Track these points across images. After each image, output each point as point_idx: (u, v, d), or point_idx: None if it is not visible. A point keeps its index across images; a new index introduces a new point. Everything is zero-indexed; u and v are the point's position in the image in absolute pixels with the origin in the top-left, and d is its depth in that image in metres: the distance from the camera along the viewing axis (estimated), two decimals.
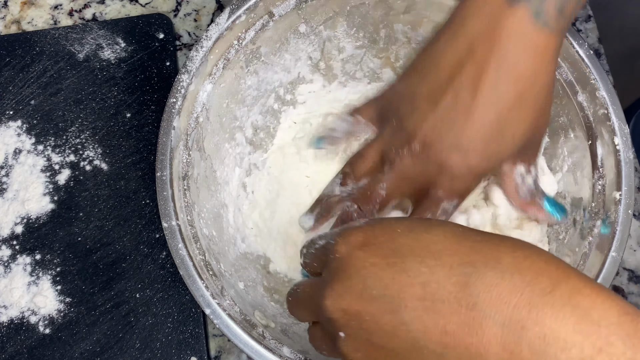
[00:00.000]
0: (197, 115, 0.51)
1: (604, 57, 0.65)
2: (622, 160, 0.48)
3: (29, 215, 0.59)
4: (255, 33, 0.53)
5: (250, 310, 0.48)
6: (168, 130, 0.49)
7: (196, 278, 0.45)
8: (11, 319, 0.56)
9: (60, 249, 0.58)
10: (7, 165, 0.61)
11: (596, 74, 0.49)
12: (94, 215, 0.59)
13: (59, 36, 0.65)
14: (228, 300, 0.46)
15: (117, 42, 0.65)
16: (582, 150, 0.51)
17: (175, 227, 0.46)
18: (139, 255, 0.58)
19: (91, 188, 0.60)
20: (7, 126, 0.62)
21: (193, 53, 0.50)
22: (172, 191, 0.47)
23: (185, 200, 0.48)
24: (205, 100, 0.51)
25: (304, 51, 0.58)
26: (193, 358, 0.55)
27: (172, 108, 0.49)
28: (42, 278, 0.57)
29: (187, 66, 0.50)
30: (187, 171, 0.49)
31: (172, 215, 0.47)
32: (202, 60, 0.51)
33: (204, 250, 0.48)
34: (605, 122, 0.49)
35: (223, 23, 0.51)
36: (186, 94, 0.50)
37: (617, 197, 0.47)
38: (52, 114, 0.62)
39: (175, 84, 0.50)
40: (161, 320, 0.56)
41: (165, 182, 0.47)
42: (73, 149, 0.61)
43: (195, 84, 0.50)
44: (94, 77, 0.63)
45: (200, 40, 0.51)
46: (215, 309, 0.45)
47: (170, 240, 0.46)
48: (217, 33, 0.51)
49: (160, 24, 0.65)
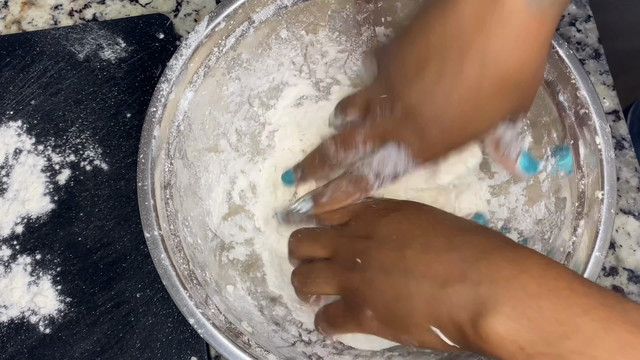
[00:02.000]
0: (178, 123, 0.50)
1: (603, 57, 0.65)
2: (604, 160, 0.48)
3: (29, 215, 0.59)
4: (236, 40, 0.53)
5: (237, 320, 0.47)
6: (149, 139, 0.48)
7: (179, 288, 0.45)
8: (11, 318, 0.56)
9: (60, 249, 0.58)
10: (8, 165, 0.61)
11: (576, 73, 0.50)
12: (94, 215, 0.59)
13: (59, 36, 0.65)
14: (213, 309, 0.46)
15: (117, 42, 0.65)
16: (564, 150, 0.51)
17: (157, 237, 0.46)
18: (139, 255, 0.58)
19: (91, 188, 0.60)
20: (7, 126, 0.62)
21: (172, 61, 0.50)
22: (154, 201, 0.47)
23: (167, 209, 0.48)
24: (187, 108, 0.51)
25: (287, 56, 0.57)
26: (193, 358, 0.55)
27: (152, 117, 0.49)
28: (43, 278, 0.57)
29: (167, 75, 0.50)
30: (170, 180, 0.49)
31: (154, 225, 0.46)
32: (182, 68, 0.50)
33: (187, 259, 0.47)
34: (587, 122, 0.49)
35: (202, 31, 0.51)
36: (166, 103, 0.49)
37: (599, 196, 0.48)
38: (52, 114, 0.62)
39: (155, 93, 0.49)
40: (161, 320, 0.56)
41: (147, 192, 0.47)
42: (73, 149, 0.61)
43: (176, 92, 0.50)
44: (94, 77, 0.64)
45: (180, 49, 0.50)
46: (199, 319, 0.44)
47: (153, 250, 0.46)
48: (197, 41, 0.51)
49: (161, 24, 0.65)
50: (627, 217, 0.60)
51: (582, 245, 0.48)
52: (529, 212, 0.54)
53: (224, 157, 0.57)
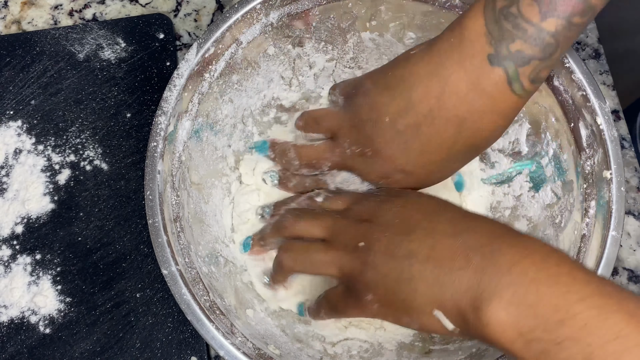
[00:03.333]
0: (179, 154, 0.50)
1: (603, 57, 0.65)
2: (607, 139, 0.48)
3: (29, 215, 0.59)
4: (226, 63, 0.53)
5: (263, 344, 0.47)
6: (153, 175, 0.48)
7: (205, 322, 0.44)
8: (11, 318, 0.56)
9: (60, 249, 0.58)
10: (8, 165, 0.61)
11: (569, 57, 0.50)
12: (94, 215, 0.59)
13: (59, 36, 0.65)
14: (240, 338, 0.46)
15: (117, 42, 0.65)
16: (564, 133, 0.51)
17: (175, 273, 0.45)
18: (139, 255, 0.58)
19: (91, 188, 0.60)
20: (7, 126, 0.62)
21: (167, 93, 0.50)
22: (167, 236, 0.46)
23: (180, 242, 0.47)
24: (185, 138, 0.51)
25: (275, 72, 0.57)
26: (193, 358, 0.55)
27: (154, 152, 0.48)
28: (43, 278, 0.57)
29: (163, 107, 0.49)
30: (178, 212, 0.49)
31: (171, 261, 0.46)
32: (177, 99, 0.50)
33: (207, 289, 0.47)
34: (585, 104, 0.49)
35: (193, 59, 0.51)
36: (166, 136, 0.49)
37: (607, 175, 0.48)
38: (52, 114, 0.62)
39: (153, 127, 0.49)
40: (161, 320, 0.56)
41: (159, 228, 0.46)
42: (73, 149, 0.61)
43: (173, 124, 0.50)
44: (94, 77, 0.64)
45: (172, 79, 0.50)
46: (229, 350, 0.44)
47: (173, 286, 0.45)
48: (189, 70, 0.50)
49: (161, 24, 0.65)
50: (627, 217, 0.60)
51: (596, 226, 0.48)
52: (535, 198, 0.54)
53: (225, 180, 0.56)
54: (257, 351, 0.45)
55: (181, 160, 0.50)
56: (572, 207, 0.50)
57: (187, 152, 0.51)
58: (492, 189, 0.58)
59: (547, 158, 0.53)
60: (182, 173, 0.50)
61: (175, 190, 0.49)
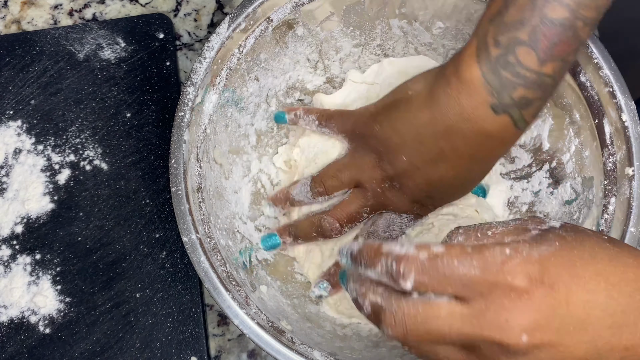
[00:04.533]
0: (204, 126, 0.51)
1: None
2: (632, 136, 0.48)
3: (29, 215, 0.59)
4: (255, 40, 0.53)
5: (276, 319, 0.47)
6: (179, 144, 0.48)
7: (221, 290, 0.45)
8: (11, 318, 0.56)
9: (60, 249, 0.58)
10: (7, 165, 0.61)
11: (598, 53, 0.50)
12: (94, 215, 0.59)
13: (59, 36, 0.65)
14: (254, 309, 0.46)
15: (117, 42, 0.65)
16: (588, 129, 0.51)
17: (195, 241, 0.46)
18: (139, 255, 0.58)
19: (91, 188, 0.60)
20: (7, 126, 0.62)
21: (197, 65, 0.50)
22: (189, 205, 0.47)
23: (201, 212, 0.48)
24: (212, 111, 0.51)
25: (302, 54, 0.58)
26: (193, 358, 0.55)
27: (181, 122, 0.49)
28: (42, 278, 0.57)
29: (192, 78, 0.50)
30: (201, 183, 0.49)
31: (192, 229, 0.46)
32: (206, 71, 0.50)
33: (225, 260, 0.47)
34: (611, 100, 0.49)
35: (224, 32, 0.51)
36: (193, 107, 0.50)
37: (630, 172, 0.48)
38: (52, 113, 0.62)
39: (181, 97, 0.49)
40: (161, 320, 0.56)
41: (182, 196, 0.47)
42: (73, 148, 0.61)
43: (201, 95, 0.50)
44: (94, 77, 0.63)
45: (203, 52, 0.51)
46: (244, 319, 0.44)
47: (192, 254, 0.46)
48: (219, 43, 0.51)
49: (160, 24, 0.65)
50: None
51: (615, 222, 0.48)
52: (554, 194, 0.54)
53: (245, 158, 0.57)
54: (270, 324, 0.46)
55: (206, 132, 0.51)
56: (591, 204, 0.50)
57: (212, 126, 0.52)
58: (511, 183, 0.58)
59: (569, 154, 0.53)
60: (206, 145, 0.51)
61: (199, 161, 0.50)
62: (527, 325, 0.31)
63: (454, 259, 0.32)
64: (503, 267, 0.32)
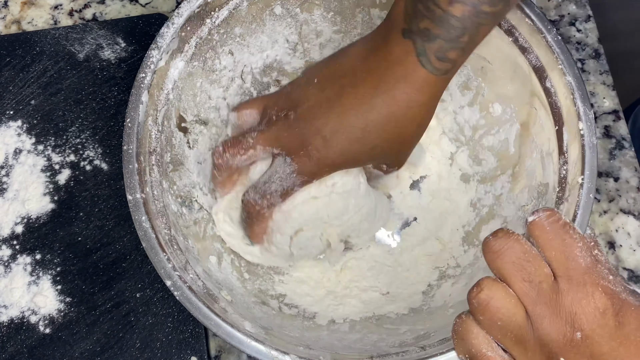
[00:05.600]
0: (167, 92, 0.51)
1: (603, 57, 0.65)
2: (586, 145, 0.48)
3: (29, 215, 0.59)
4: (229, 12, 0.53)
5: (216, 288, 0.48)
6: (136, 104, 0.48)
7: (158, 250, 0.45)
8: (11, 318, 0.56)
9: (60, 249, 0.58)
10: (8, 165, 0.61)
11: (563, 59, 0.50)
12: (94, 215, 0.59)
13: (59, 36, 0.65)
14: (191, 275, 0.46)
15: (117, 42, 0.65)
16: (550, 136, 0.51)
17: (139, 200, 0.46)
18: (139, 255, 0.58)
19: (91, 188, 0.60)
20: (7, 126, 0.62)
21: (164, 29, 0.50)
22: (138, 165, 0.47)
23: (152, 175, 0.48)
24: (177, 77, 0.51)
25: (281, 33, 0.57)
26: (193, 358, 0.55)
27: (141, 83, 0.49)
28: (42, 278, 0.57)
29: (157, 42, 0.50)
30: (156, 147, 0.49)
31: (137, 188, 0.46)
32: (173, 36, 0.50)
33: (170, 225, 0.47)
34: (572, 108, 0.50)
35: (195, 1, 0.51)
36: (155, 70, 0.50)
37: (579, 180, 0.48)
38: (52, 114, 0.62)
39: (145, 59, 0.49)
40: (161, 320, 0.56)
41: (132, 155, 0.47)
42: (73, 148, 0.61)
43: (165, 60, 0.50)
44: (94, 77, 0.64)
45: (171, 17, 0.50)
46: (176, 281, 0.45)
47: (134, 212, 0.46)
48: (189, 10, 0.51)
49: (161, 24, 0.65)
50: (627, 217, 0.60)
51: None
52: (512, 199, 0.55)
53: (214, 131, 0.57)
54: (206, 291, 0.46)
55: (168, 98, 0.51)
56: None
57: (177, 93, 0.52)
58: (476, 185, 0.58)
59: (531, 160, 0.53)
60: (168, 111, 0.51)
61: (157, 125, 0.50)
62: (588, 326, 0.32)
63: (581, 242, 0.33)
64: (600, 281, 0.32)
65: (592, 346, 0.32)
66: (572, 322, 0.32)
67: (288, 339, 0.47)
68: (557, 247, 0.33)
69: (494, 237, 0.34)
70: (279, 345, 0.45)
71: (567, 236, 0.33)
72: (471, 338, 0.35)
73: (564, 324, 0.32)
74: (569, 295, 0.32)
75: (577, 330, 0.32)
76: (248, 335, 0.44)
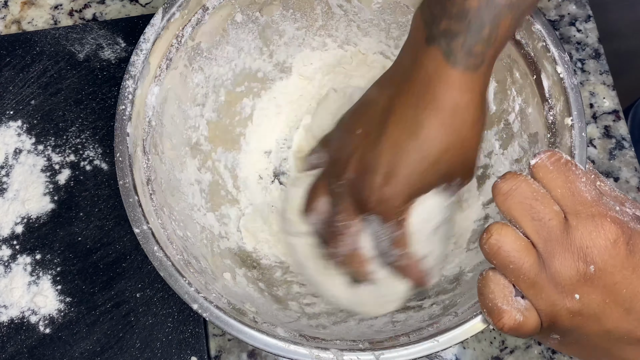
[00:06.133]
0: (149, 119, 0.50)
1: (604, 57, 0.65)
2: (568, 87, 0.49)
3: (29, 215, 0.59)
4: (193, 29, 0.53)
5: (239, 302, 0.47)
6: (123, 137, 0.48)
7: (178, 277, 0.45)
8: (11, 318, 0.56)
9: (60, 249, 0.58)
10: (8, 165, 0.61)
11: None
12: (94, 215, 0.59)
13: (59, 36, 0.65)
14: (214, 294, 0.46)
15: (117, 42, 0.65)
16: (528, 87, 0.52)
17: (147, 231, 0.46)
18: (139, 255, 0.58)
19: (91, 188, 0.60)
20: (7, 126, 0.62)
21: (134, 57, 0.50)
22: (138, 197, 0.47)
23: (153, 204, 0.48)
24: (155, 103, 0.51)
25: (245, 40, 0.58)
26: (193, 358, 0.55)
27: (123, 115, 0.48)
28: (42, 278, 0.57)
29: (130, 71, 0.50)
30: (150, 176, 0.49)
31: (142, 220, 0.46)
32: (144, 63, 0.50)
33: (181, 250, 0.47)
34: (546, 54, 0.50)
35: (158, 23, 0.51)
36: (134, 99, 0.49)
37: (569, 122, 0.48)
38: (52, 113, 0.62)
39: (121, 90, 0.49)
40: (161, 320, 0.56)
41: (129, 188, 0.47)
42: (73, 148, 0.61)
43: (142, 88, 0.50)
44: (94, 77, 0.64)
45: (139, 44, 0.50)
46: (202, 303, 0.44)
47: (145, 244, 0.45)
48: (154, 34, 0.51)
49: None
50: None
51: None
52: (505, 155, 0.55)
53: (199, 150, 0.57)
54: (232, 306, 0.46)
55: (151, 125, 0.51)
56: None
57: (158, 118, 0.51)
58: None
59: (514, 114, 0.54)
60: (153, 138, 0.51)
61: (146, 154, 0.49)
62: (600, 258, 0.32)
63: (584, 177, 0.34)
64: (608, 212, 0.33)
65: (605, 277, 0.32)
66: (584, 256, 0.32)
67: (322, 335, 0.47)
68: (562, 185, 0.34)
69: (502, 180, 0.35)
70: (315, 343, 0.45)
71: (570, 173, 0.34)
72: (488, 293, 0.35)
73: (576, 259, 0.32)
74: (579, 230, 0.32)
75: (590, 263, 0.32)
76: (286, 341, 0.44)
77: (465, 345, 0.56)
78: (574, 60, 0.65)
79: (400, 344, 0.44)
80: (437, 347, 0.44)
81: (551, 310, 0.34)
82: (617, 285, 0.32)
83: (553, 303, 0.33)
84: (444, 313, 0.47)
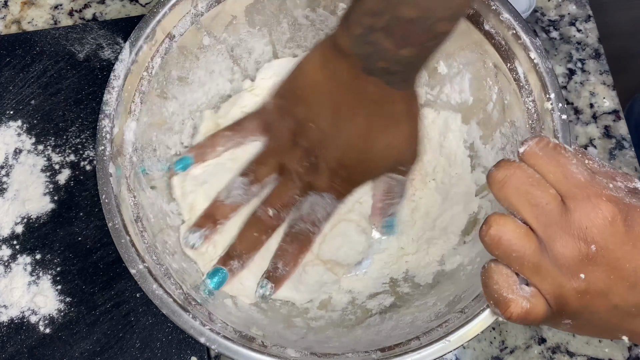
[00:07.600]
0: (129, 155, 0.50)
1: (604, 57, 0.65)
2: (543, 72, 0.49)
3: (29, 215, 0.59)
4: (162, 59, 0.52)
5: (245, 327, 0.47)
6: (106, 179, 0.47)
7: (181, 313, 0.44)
8: (11, 318, 0.56)
9: (60, 249, 0.58)
10: (8, 165, 0.61)
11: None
12: (94, 215, 0.59)
13: (59, 36, 0.65)
14: (220, 324, 0.46)
15: (117, 42, 0.65)
16: (503, 75, 0.52)
17: (144, 271, 0.45)
18: None
19: (91, 188, 0.60)
20: (7, 126, 0.62)
21: (106, 96, 0.49)
22: (130, 237, 0.46)
23: (144, 242, 0.47)
24: (133, 138, 0.50)
25: (215, 62, 0.57)
26: (193, 358, 0.55)
27: (103, 156, 0.48)
28: (43, 278, 0.57)
29: (105, 110, 0.49)
30: (138, 213, 0.49)
31: (137, 260, 0.46)
32: (118, 100, 0.49)
33: (179, 284, 0.47)
34: (517, 42, 0.50)
35: (127, 58, 0.50)
36: (112, 138, 0.48)
37: (548, 106, 0.48)
38: (52, 113, 0.62)
39: (98, 131, 0.48)
40: (161, 319, 0.56)
41: (120, 229, 0.46)
42: (73, 148, 0.61)
43: (118, 125, 0.49)
44: (94, 77, 0.64)
45: (110, 81, 0.49)
46: (209, 336, 0.44)
47: (143, 284, 0.45)
48: (125, 69, 0.50)
49: None
50: None
51: None
52: (489, 145, 0.55)
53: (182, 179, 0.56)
54: (239, 334, 0.46)
55: (132, 161, 0.50)
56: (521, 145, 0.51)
57: (138, 154, 0.51)
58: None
59: (492, 103, 0.54)
60: (136, 174, 0.50)
61: (131, 191, 0.49)
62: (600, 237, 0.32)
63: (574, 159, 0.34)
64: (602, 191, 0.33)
65: (607, 255, 0.32)
66: (584, 237, 0.32)
67: (333, 350, 0.47)
68: (554, 170, 0.34)
69: (496, 168, 0.35)
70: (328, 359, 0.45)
71: (560, 157, 0.34)
72: (492, 284, 0.35)
73: (577, 240, 0.32)
74: (577, 212, 0.33)
75: (591, 243, 0.32)
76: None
77: (466, 345, 0.56)
78: (574, 60, 0.65)
79: (412, 349, 0.44)
80: (450, 347, 0.44)
81: (559, 293, 0.34)
82: (620, 261, 0.32)
83: (560, 285, 0.33)
84: (450, 311, 0.47)
